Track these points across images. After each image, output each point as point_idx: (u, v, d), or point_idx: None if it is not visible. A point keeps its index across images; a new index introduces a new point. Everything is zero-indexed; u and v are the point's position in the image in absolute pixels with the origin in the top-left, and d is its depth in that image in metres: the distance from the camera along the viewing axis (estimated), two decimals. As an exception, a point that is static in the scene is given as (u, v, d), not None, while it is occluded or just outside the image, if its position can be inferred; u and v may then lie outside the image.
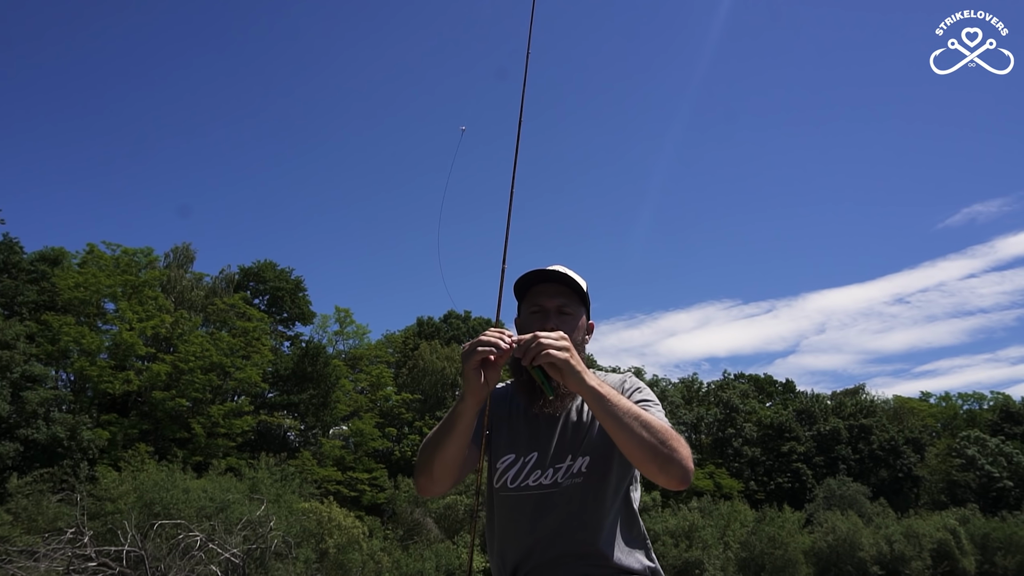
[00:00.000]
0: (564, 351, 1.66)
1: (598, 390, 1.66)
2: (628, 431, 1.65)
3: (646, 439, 1.65)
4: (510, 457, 1.95)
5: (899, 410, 49.23)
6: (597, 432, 1.92)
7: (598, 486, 1.87)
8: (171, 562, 15.08)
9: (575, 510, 1.85)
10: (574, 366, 1.66)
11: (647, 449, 1.65)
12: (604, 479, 1.87)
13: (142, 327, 27.72)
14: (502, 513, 1.96)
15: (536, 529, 1.87)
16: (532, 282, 1.99)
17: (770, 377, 50.52)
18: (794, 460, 40.01)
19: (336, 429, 34.36)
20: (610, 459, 1.90)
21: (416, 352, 38.27)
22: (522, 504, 1.90)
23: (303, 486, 25.36)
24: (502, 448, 1.98)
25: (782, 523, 31.40)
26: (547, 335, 1.68)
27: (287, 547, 18.13)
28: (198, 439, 27.08)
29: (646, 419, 1.67)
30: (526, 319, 1.99)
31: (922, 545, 32.60)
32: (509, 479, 1.93)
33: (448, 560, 23.87)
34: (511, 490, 1.92)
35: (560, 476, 1.88)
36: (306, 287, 38.75)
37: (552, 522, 1.86)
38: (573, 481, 1.87)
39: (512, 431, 1.98)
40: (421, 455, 1.88)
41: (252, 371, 29.84)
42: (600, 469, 1.87)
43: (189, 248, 34.30)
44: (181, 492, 19.00)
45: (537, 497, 1.88)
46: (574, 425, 1.95)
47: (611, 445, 1.86)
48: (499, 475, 1.96)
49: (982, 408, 52.43)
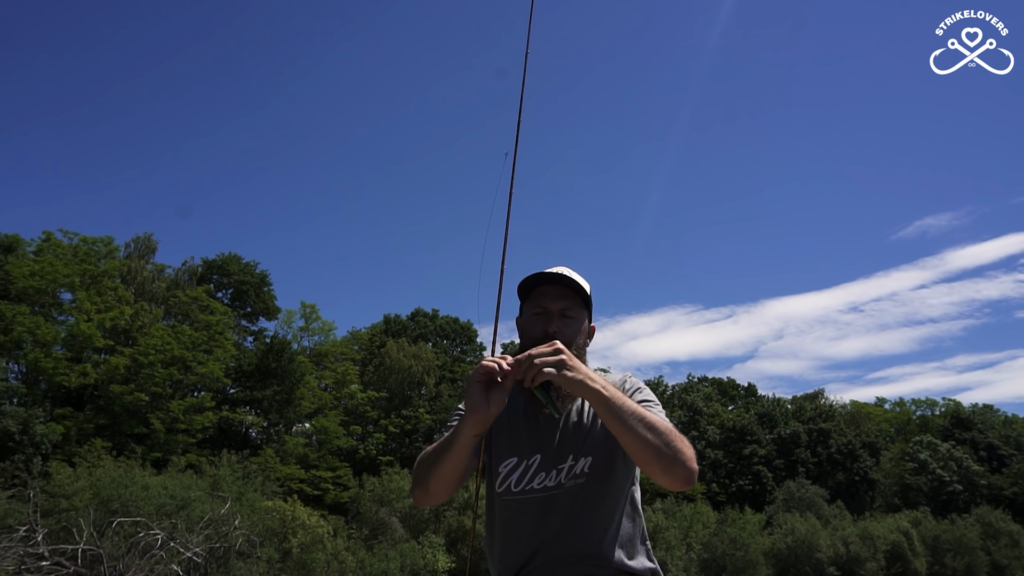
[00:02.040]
0: (559, 365, 1.62)
1: (602, 392, 1.64)
2: (633, 433, 1.63)
3: (651, 440, 1.63)
4: (512, 460, 1.91)
5: (856, 415, 50.47)
6: (599, 432, 1.89)
7: (601, 486, 1.85)
8: (130, 561, 14.60)
9: (578, 510, 1.83)
10: (571, 377, 1.62)
11: (652, 450, 1.63)
12: (607, 479, 1.85)
13: (100, 318, 26.87)
14: (504, 518, 1.92)
15: (540, 531, 1.84)
16: (536, 283, 1.98)
17: (733, 381, 51.35)
18: (755, 463, 40.70)
19: (298, 427, 33.80)
20: (613, 459, 1.87)
21: (383, 350, 37.89)
22: (526, 507, 1.87)
23: (265, 484, 24.87)
24: (504, 452, 1.94)
25: (743, 525, 31.90)
26: (539, 351, 1.64)
27: (250, 546, 17.73)
28: (157, 435, 26.37)
29: (651, 420, 1.65)
30: (528, 320, 1.98)
31: (876, 546, 33.44)
32: (513, 483, 1.90)
33: (413, 560, 23.63)
34: (515, 494, 1.89)
35: (563, 477, 1.85)
36: (271, 281, 38.10)
37: (555, 523, 1.84)
38: (576, 482, 1.85)
39: (513, 434, 1.95)
40: (417, 470, 1.87)
41: (215, 366, 29.18)
42: (602, 469, 1.85)
43: (151, 238, 33.45)
44: (140, 489, 18.44)
45: (542, 500, 1.86)
46: (575, 425, 1.92)
47: (614, 445, 1.85)
48: (501, 479, 1.92)
49: (934, 414, 54.09)
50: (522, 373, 1.64)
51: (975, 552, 35.73)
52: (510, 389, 1.71)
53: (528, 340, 1.95)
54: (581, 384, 1.63)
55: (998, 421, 51.89)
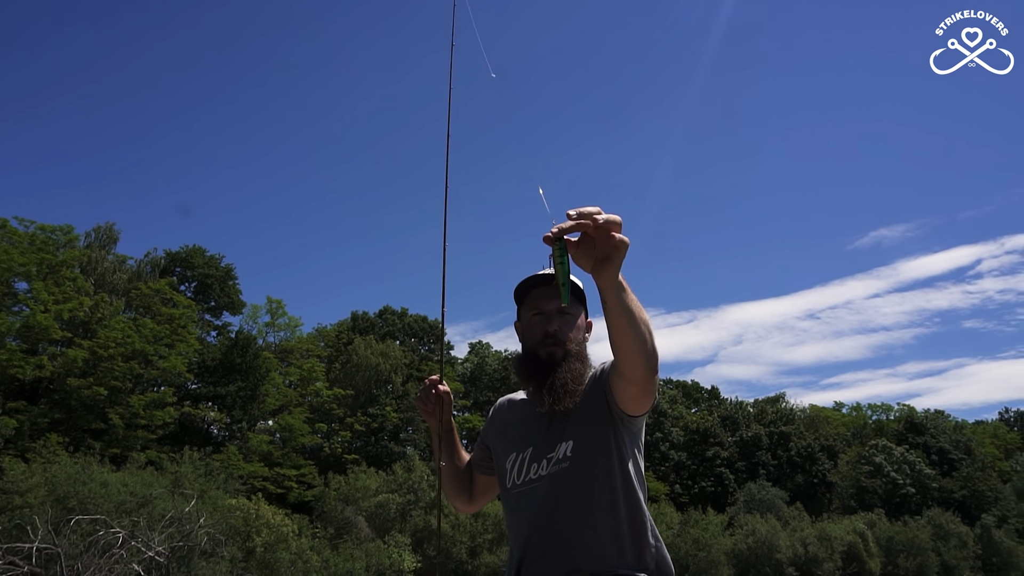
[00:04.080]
0: (622, 244, 1.55)
1: (620, 279, 1.60)
2: (633, 318, 1.61)
3: (643, 328, 1.63)
4: (512, 456, 2.00)
5: (815, 418, 51.59)
6: (580, 415, 1.92)
7: (583, 469, 1.86)
8: (88, 560, 14.15)
9: (564, 495, 1.86)
10: (619, 254, 1.55)
11: (640, 335, 1.62)
12: (590, 461, 1.86)
13: (58, 309, 25.98)
14: (510, 511, 2.01)
15: (533, 520, 1.89)
16: (530, 286, 2.02)
17: (697, 384, 52.07)
18: (718, 465, 41.31)
19: (262, 424, 33.20)
20: (595, 441, 1.89)
21: (350, 347, 37.45)
22: (523, 499, 1.94)
23: (228, 482, 24.35)
24: (506, 450, 2.04)
25: (706, 526, 32.38)
26: (611, 217, 1.53)
27: (214, 545, 17.34)
28: (116, 430, 25.62)
29: (648, 322, 1.65)
30: (527, 323, 2.03)
31: (833, 547, 34.26)
32: (514, 477, 1.98)
33: (379, 560, 23.40)
34: (517, 487, 1.97)
35: (551, 464, 1.90)
36: (237, 275, 37.36)
37: (546, 510, 1.87)
38: (560, 467, 1.87)
39: (512, 433, 2.05)
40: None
41: (177, 360, 28.48)
42: (585, 451, 1.86)
43: (113, 228, 32.46)
44: (99, 486, 17.85)
45: (535, 489, 1.91)
46: (561, 413, 1.94)
47: (595, 426, 1.89)
48: (506, 476, 2.02)
49: (889, 419, 55.61)
50: (588, 224, 1.51)
51: (926, 553, 36.86)
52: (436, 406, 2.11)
53: (529, 343, 2.01)
54: (617, 270, 1.56)
55: (949, 426, 53.61)
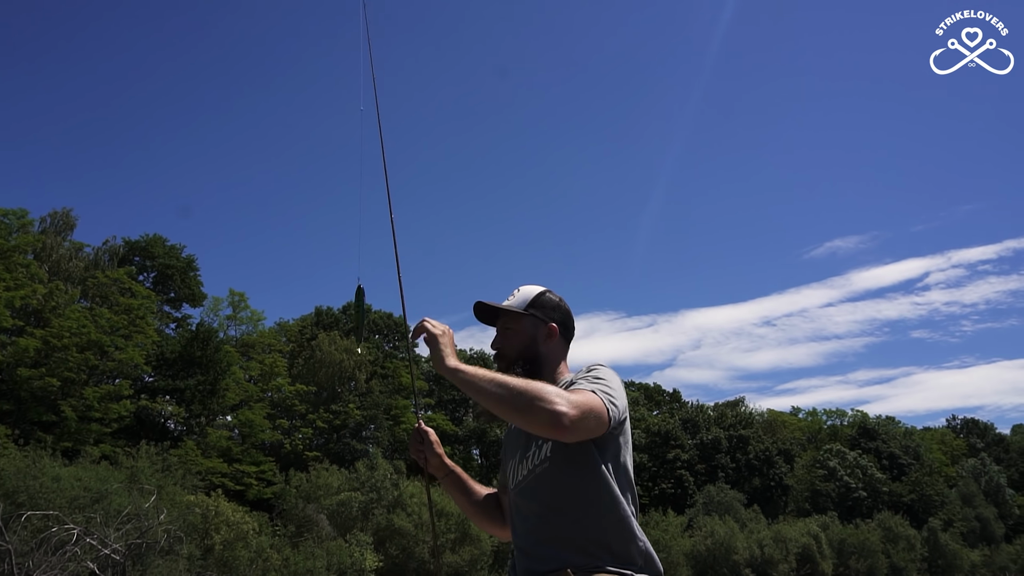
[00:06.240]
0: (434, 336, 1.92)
1: (450, 366, 1.84)
2: (484, 392, 1.75)
3: (502, 395, 1.73)
4: (511, 463, 2.09)
5: (772, 423, 52.65)
6: None
7: (561, 466, 1.90)
8: (40, 558, 13.62)
9: (547, 492, 1.92)
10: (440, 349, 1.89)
11: (504, 403, 1.73)
12: (567, 459, 1.90)
13: (9, 296, 25.01)
14: (510, 513, 2.08)
15: (523, 519, 1.97)
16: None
17: (659, 387, 52.68)
18: (678, 467, 41.82)
19: (221, 419, 32.45)
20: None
21: (313, 342, 36.84)
22: (517, 498, 2.02)
23: (186, 477, 23.74)
24: (507, 457, 2.14)
25: (666, 527, 32.79)
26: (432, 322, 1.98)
27: (172, 543, 16.86)
28: (68, 423, 24.76)
29: (502, 379, 1.76)
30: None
31: (788, 549, 35.02)
32: (515, 478, 2.05)
33: (340, 558, 23.07)
34: (516, 487, 2.04)
35: (534, 463, 1.96)
36: (199, 267, 36.49)
37: (532, 509, 1.94)
38: (542, 466, 1.94)
39: (513, 441, 2.13)
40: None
41: (134, 352, 27.68)
42: (562, 449, 1.89)
43: (70, 214, 31.40)
44: (51, 480, 17.23)
45: (524, 488, 1.98)
46: None
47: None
48: (510, 479, 2.10)
49: (843, 424, 57.08)
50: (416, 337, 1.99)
51: (876, 555, 37.95)
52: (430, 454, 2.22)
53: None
54: (438, 358, 1.89)
55: (899, 432, 55.28)
